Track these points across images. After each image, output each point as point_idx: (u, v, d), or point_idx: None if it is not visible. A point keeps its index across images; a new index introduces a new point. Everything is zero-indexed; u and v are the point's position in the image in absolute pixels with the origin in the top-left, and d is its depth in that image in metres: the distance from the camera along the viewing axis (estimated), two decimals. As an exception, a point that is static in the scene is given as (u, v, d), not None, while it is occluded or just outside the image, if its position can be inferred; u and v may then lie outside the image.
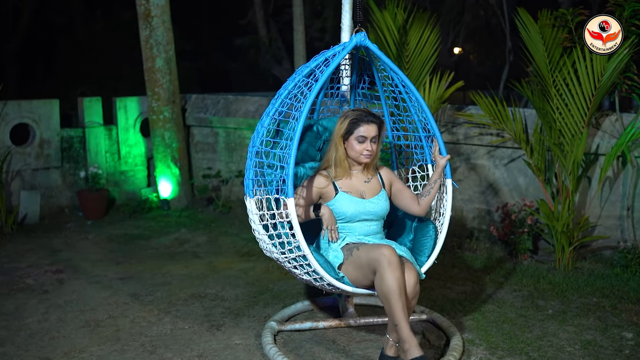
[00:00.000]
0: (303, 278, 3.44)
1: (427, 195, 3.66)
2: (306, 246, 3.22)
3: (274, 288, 4.67)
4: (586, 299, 4.51)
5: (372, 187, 3.55)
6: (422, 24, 5.12)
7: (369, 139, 3.42)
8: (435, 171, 3.69)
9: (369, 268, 3.21)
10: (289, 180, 3.18)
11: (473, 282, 4.82)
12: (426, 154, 3.86)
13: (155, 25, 6.75)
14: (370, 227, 3.51)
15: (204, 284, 4.79)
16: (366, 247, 3.29)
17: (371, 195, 3.52)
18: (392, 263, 3.11)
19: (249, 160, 3.46)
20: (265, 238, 3.41)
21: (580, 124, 4.89)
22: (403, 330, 3.11)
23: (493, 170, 5.75)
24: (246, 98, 7.34)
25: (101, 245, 5.88)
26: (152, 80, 6.88)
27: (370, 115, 3.45)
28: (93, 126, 6.99)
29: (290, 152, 3.18)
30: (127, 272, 5.07)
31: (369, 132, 3.42)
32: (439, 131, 3.64)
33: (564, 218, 4.94)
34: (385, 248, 3.17)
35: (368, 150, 3.43)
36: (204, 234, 6.21)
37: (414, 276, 3.26)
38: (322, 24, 11.55)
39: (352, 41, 3.42)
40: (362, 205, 3.46)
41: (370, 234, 3.51)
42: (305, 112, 3.21)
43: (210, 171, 7.28)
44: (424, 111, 3.61)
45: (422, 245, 3.64)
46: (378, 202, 3.51)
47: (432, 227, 3.68)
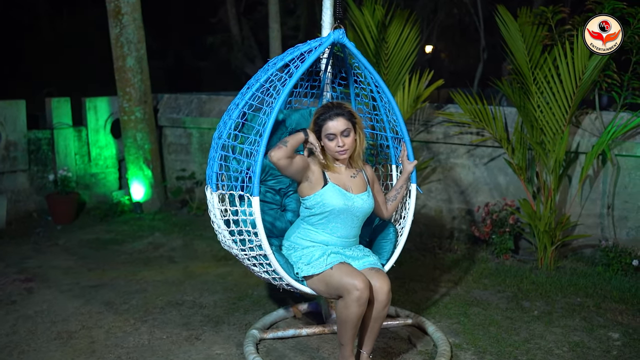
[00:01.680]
0: (262, 276, 3.37)
1: (393, 201, 3.60)
2: (268, 246, 3.14)
3: (253, 293, 4.53)
4: (570, 298, 4.46)
5: (359, 184, 3.38)
6: (401, 21, 5.03)
7: (338, 135, 3.22)
8: (402, 176, 3.59)
9: (336, 291, 3.11)
10: (256, 178, 3.08)
11: (456, 284, 4.75)
12: (391, 154, 3.80)
13: (125, 23, 6.54)
14: (353, 228, 3.34)
15: (181, 290, 4.64)
16: (341, 271, 3.11)
17: (358, 192, 3.35)
18: (361, 299, 3.02)
19: (213, 151, 3.36)
20: (226, 233, 3.33)
21: (562, 122, 4.85)
22: (346, 350, 3.19)
23: (473, 169, 5.69)
24: (220, 98, 7.18)
25: (72, 251, 5.67)
26: (122, 79, 6.67)
27: (336, 108, 3.24)
28: (62, 127, 6.76)
29: (259, 148, 3.07)
30: (100, 280, 4.89)
31: (337, 128, 3.21)
32: (408, 135, 3.57)
33: (545, 217, 4.90)
34: (359, 280, 3.02)
35: (340, 147, 3.23)
36: (179, 237, 6.04)
37: (386, 284, 3.15)
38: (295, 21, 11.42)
39: (330, 37, 3.30)
40: (351, 200, 3.28)
41: (350, 237, 3.34)
42: (277, 108, 3.10)
43: (184, 173, 7.10)
44: (394, 113, 3.53)
45: (381, 248, 3.58)
46: (366, 199, 3.34)
47: (393, 230, 3.62)
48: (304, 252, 3.28)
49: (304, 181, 3.28)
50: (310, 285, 3.24)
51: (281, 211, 3.70)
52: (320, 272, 3.16)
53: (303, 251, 3.29)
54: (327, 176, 3.29)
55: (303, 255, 3.28)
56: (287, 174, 3.20)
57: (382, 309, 3.16)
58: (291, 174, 3.21)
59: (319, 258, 3.20)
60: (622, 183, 5.10)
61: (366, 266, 3.23)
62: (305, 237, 3.33)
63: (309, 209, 3.30)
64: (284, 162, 3.09)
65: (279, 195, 3.69)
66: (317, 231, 3.31)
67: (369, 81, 3.60)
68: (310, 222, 3.32)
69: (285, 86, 3.14)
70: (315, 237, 3.30)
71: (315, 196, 3.26)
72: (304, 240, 3.33)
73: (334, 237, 3.30)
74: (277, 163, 3.08)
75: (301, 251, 3.30)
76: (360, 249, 3.38)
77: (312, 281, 3.21)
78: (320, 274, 3.16)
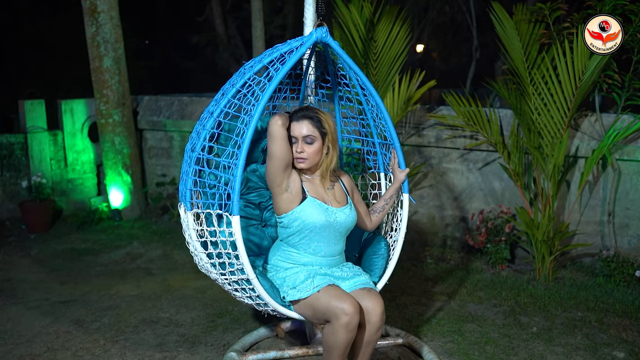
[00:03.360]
0: (244, 301, 3.08)
1: (380, 212, 3.30)
2: (251, 269, 2.85)
3: (233, 310, 4.24)
4: (571, 313, 4.20)
5: (338, 196, 3.08)
6: (391, 18, 4.74)
7: (300, 139, 2.91)
8: (393, 185, 3.30)
9: (323, 316, 2.83)
10: (235, 195, 2.78)
11: (450, 297, 4.48)
12: (379, 162, 3.52)
13: (102, 22, 6.23)
14: (337, 245, 3.05)
15: (157, 306, 4.34)
16: (329, 294, 2.82)
17: (338, 205, 3.04)
18: (350, 325, 2.73)
19: (186, 165, 3.05)
20: (203, 256, 3.04)
21: (561, 125, 4.59)
22: None
23: (467, 174, 5.42)
24: (202, 99, 6.88)
25: (44, 262, 5.37)
26: (99, 81, 6.36)
27: (305, 111, 2.95)
28: (36, 131, 6.45)
29: (238, 162, 2.77)
30: (72, 294, 4.58)
31: (300, 131, 2.90)
32: (398, 141, 3.28)
33: (544, 226, 4.64)
34: (348, 304, 2.74)
35: (298, 152, 2.91)
36: (158, 247, 5.74)
37: (379, 305, 2.87)
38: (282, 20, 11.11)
39: (312, 36, 2.97)
40: (333, 215, 2.98)
41: (335, 254, 3.04)
42: (257, 116, 2.80)
43: (165, 178, 6.80)
44: (383, 117, 3.25)
45: (372, 264, 3.29)
46: (349, 213, 3.04)
47: (384, 244, 3.33)
48: (288, 274, 2.99)
49: (284, 192, 2.96)
50: (297, 310, 2.95)
51: (262, 227, 3.41)
52: (307, 297, 2.87)
53: (287, 272, 3.00)
54: (305, 189, 2.99)
55: (287, 277, 2.99)
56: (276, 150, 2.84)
57: (374, 332, 2.88)
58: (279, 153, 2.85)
59: (304, 281, 2.91)
60: (624, 189, 4.85)
61: (357, 286, 2.95)
62: (287, 259, 3.04)
63: (287, 228, 3.00)
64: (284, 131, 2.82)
65: (259, 209, 3.40)
66: (299, 252, 3.01)
67: (354, 83, 3.32)
68: (291, 244, 3.03)
69: (265, 92, 2.84)
70: (298, 259, 3.01)
71: (293, 213, 2.96)
72: (286, 263, 3.04)
73: (318, 257, 3.01)
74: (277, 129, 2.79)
75: (284, 272, 3.01)
76: (349, 267, 3.10)
77: (299, 306, 2.93)
78: (306, 298, 2.87)
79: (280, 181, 2.92)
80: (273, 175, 2.92)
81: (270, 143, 2.87)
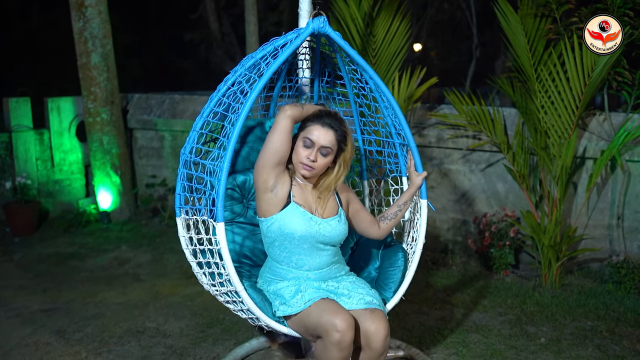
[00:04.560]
0: (238, 314, 2.84)
1: (391, 219, 2.94)
2: (238, 281, 2.62)
3: (224, 319, 4.02)
4: (580, 322, 3.99)
5: (329, 207, 2.79)
6: (390, 12, 4.52)
7: (316, 147, 2.64)
8: (408, 190, 2.99)
9: (314, 332, 2.57)
10: (219, 201, 2.55)
11: (452, 305, 4.26)
12: (401, 164, 3.25)
13: (89, 16, 5.99)
14: (323, 257, 2.75)
15: (144, 314, 4.11)
16: (320, 308, 2.57)
17: (327, 215, 2.77)
18: (342, 343, 2.46)
19: (179, 169, 2.83)
20: (194, 265, 2.82)
21: (569, 125, 4.38)
22: None
23: (469, 176, 5.20)
24: (194, 97, 6.64)
25: (28, 267, 5.13)
26: (87, 78, 6.12)
27: (331, 118, 2.68)
28: (21, 130, 6.20)
29: (223, 165, 2.54)
30: (55, 302, 4.35)
31: (321, 139, 2.64)
32: (414, 141, 2.99)
33: (550, 231, 4.42)
34: (341, 319, 2.47)
35: (309, 160, 2.64)
36: (147, 251, 5.51)
37: (384, 328, 2.59)
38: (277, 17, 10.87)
39: (309, 27, 2.69)
40: (317, 224, 2.70)
41: (323, 266, 2.76)
42: (243, 115, 2.56)
43: (155, 179, 6.56)
44: (396, 115, 2.97)
45: (388, 277, 2.99)
46: (336, 225, 2.75)
47: (402, 255, 3.02)
48: (278, 287, 2.75)
49: (268, 191, 2.68)
50: (290, 327, 2.70)
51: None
52: (298, 312, 2.62)
53: (276, 285, 2.76)
54: (292, 194, 2.72)
55: (279, 289, 2.74)
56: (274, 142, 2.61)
57: (376, 358, 2.61)
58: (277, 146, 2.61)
59: (295, 295, 2.66)
60: (633, 191, 4.63)
61: (359, 305, 2.65)
62: (274, 274, 2.80)
63: (265, 236, 2.76)
64: (291, 124, 2.59)
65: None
66: (283, 267, 2.76)
67: (364, 78, 3.07)
68: (274, 257, 2.78)
69: (253, 88, 2.61)
70: (285, 274, 2.76)
71: (272, 219, 2.70)
72: (275, 278, 2.80)
73: (303, 271, 2.73)
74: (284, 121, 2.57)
75: (275, 285, 2.77)
76: (352, 280, 2.80)
77: (292, 322, 2.68)
78: (298, 314, 2.62)
79: (266, 177, 2.66)
80: (261, 168, 2.66)
81: (271, 132, 2.63)
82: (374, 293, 2.75)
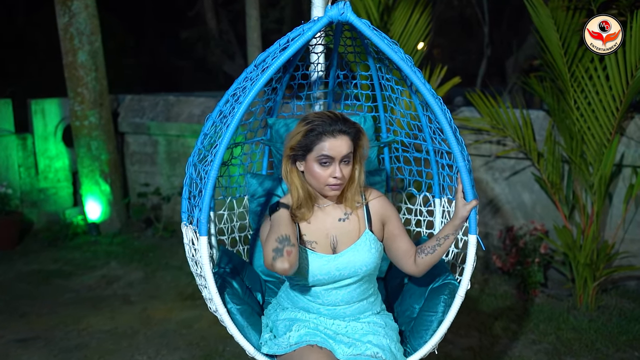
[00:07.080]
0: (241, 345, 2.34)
1: (430, 253, 2.28)
2: (219, 300, 2.18)
3: (224, 350, 3.55)
4: (625, 352, 3.53)
5: (351, 230, 2.26)
6: (409, 5, 4.05)
7: (337, 160, 2.13)
8: (451, 222, 2.27)
9: None
10: (204, 211, 2.13)
11: (480, 332, 3.80)
12: (435, 180, 2.76)
13: (76, 11, 5.52)
14: (339, 295, 2.23)
15: (133, 345, 3.65)
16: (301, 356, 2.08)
17: (347, 244, 2.24)
18: None
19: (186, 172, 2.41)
20: (196, 277, 2.38)
21: (607, 129, 3.92)
22: None
23: (492, 185, 4.74)
24: (190, 99, 6.17)
25: (5, 287, 4.65)
26: (73, 78, 5.65)
27: (341, 123, 2.12)
28: (1, 134, 5.72)
29: (210, 171, 2.11)
30: (33, 329, 3.88)
31: (338, 150, 2.11)
32: (463, 159, 2.20)
33: (587, 247, 3.96)
34: None
35: (336, 178, 2.13)
36: (139, 268, 5.03)
37: None
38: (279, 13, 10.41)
39: (326, 15, 2.18)
40: (333, 261, 2.20)
41: (340, 304, 2.24)
42: (240, 115, 2.10)
43: (148, 188, 6.09)
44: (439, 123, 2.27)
45: (423, 324, 2.35)
46: (355, 254, 2.22)
47: (444, 299, 2.36)
48: (279, 317, 2.29)
49: None
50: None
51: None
52: (281, 354, 2.14)
53: (283, 314, 2.29)
54: (300, 231, 2.23)
55: (277, 320, 2.28)
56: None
57: None
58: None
59: (284, 334, 2.18)
60: (677, 202, 4.18)
61: (357, 358, 2.10)
62: (287, 297, 2.34)
63: None
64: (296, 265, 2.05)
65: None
66: (297, 294, 2.28)
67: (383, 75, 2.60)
68: (289, 283, 2.33)
69: (254, 85, 2.13)
70: (297, 302, 2.28)
71: None
72: (285, 301, 2.34)
73: (316, 303, 2.24)
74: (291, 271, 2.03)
75: (282, 314, 2.30)
76: (366, 322, 2.27)
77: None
78: (281, 355, 2.15)
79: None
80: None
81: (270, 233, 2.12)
82: (389, 343, 2.20)
